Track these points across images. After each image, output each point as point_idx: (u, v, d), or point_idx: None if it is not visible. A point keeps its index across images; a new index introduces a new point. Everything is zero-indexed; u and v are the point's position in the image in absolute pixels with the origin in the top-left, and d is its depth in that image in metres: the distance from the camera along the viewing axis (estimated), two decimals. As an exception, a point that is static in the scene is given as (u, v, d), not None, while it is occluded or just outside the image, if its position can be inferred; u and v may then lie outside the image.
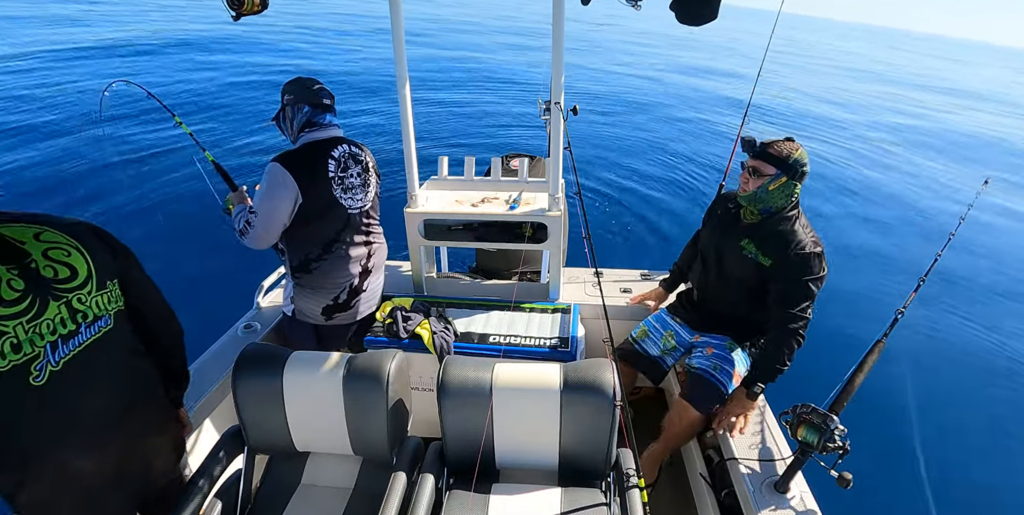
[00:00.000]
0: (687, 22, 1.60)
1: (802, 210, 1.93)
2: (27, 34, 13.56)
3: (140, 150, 6.76)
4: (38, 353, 1.15)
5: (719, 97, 13.85)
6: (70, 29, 14.82)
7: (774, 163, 1.81)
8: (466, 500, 1.60)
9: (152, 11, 20.48)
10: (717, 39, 32.32)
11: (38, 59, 11.00)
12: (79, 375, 1.21)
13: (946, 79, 27.68)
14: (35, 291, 1.15)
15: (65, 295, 1.19)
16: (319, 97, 1.92)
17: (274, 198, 1.85)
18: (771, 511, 1.64)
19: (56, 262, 1.19)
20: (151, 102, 2.34)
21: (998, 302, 5.27)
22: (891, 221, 7.03)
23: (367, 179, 2.07)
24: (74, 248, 1.23)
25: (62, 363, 1.18)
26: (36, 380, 1.14)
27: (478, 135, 8.92)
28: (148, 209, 5.50)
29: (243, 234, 1.94)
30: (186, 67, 11.40)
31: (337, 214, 1.98)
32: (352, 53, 15.14)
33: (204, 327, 2.42)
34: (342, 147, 1.97)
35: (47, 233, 1.20)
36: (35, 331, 1.14)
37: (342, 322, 2.16)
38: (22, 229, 1.18)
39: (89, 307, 1.23)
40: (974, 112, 17.40)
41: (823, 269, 1.85)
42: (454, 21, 27.73)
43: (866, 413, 3.36)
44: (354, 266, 2.09)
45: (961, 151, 11.44)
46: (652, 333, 2.29)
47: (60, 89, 8.98)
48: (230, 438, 1.67)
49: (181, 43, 14.10)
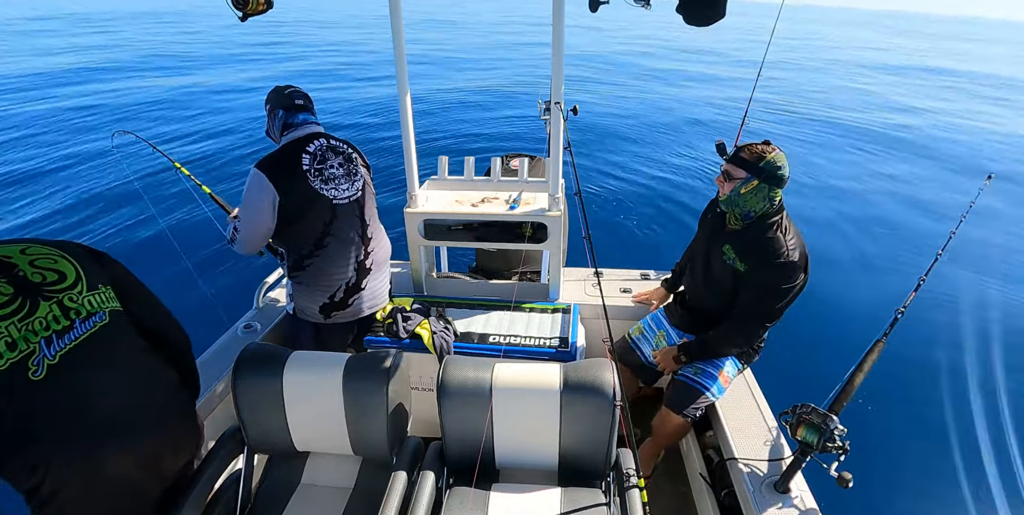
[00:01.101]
0: (694, 23, 1.59)
1: (788, 216, 1.89)
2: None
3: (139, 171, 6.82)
4: (33, 349, 1.17)
5: (723, 96, 13.84)
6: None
7: (744, 166, 1.80)
8: (466, 500, 1.60)
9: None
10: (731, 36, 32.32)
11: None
12: (81, 369, 1.23)
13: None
14: (24, 293, 1.19)
15: (55, 295, 1.23)
16: (291, 99, 1.97)
17: (252, 200, 1.88)
18: (771, 511, 1.64)
19: (44, 269, 1.24)
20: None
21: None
22: (892, 221, 7.02)
23: (352, 169, 2.05)
24: (60, 256, 1.28)
25: (59, 356, 1.20)
26: (35, 375, 1.17)
27: (478, 135, 8.92)
28: (148, 211, 5.52)
29: (232, 241, 2.02)
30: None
31: (321, 206, 1.96)
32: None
33: (204, 327, 2.42)
34: (319, 141, 1.98)
35: (32, 248, 1.26)
36: (28, 328, 1.18)
37: (342, 321, 2.15)
38: (8, 247, 1.24)
39: (81, 304, 1.27)
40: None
41: (798, 279, 1.82)
42: (454, 21, 27.71)
43: (866, 413, 3.38)
44: (349, 261, 2.08)
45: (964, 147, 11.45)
46: (647, 332, 2.30)
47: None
48: (230, 438, 1.67)
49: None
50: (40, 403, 1.17)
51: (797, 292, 1.85)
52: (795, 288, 1.83)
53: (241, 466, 1.68)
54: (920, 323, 4.48)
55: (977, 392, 3.92)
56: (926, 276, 2.08)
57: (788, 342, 1.95)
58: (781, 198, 1.87)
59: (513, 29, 26.98)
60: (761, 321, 1.90)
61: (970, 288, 5.37)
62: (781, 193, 1.85)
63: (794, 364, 3.38)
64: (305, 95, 2.02)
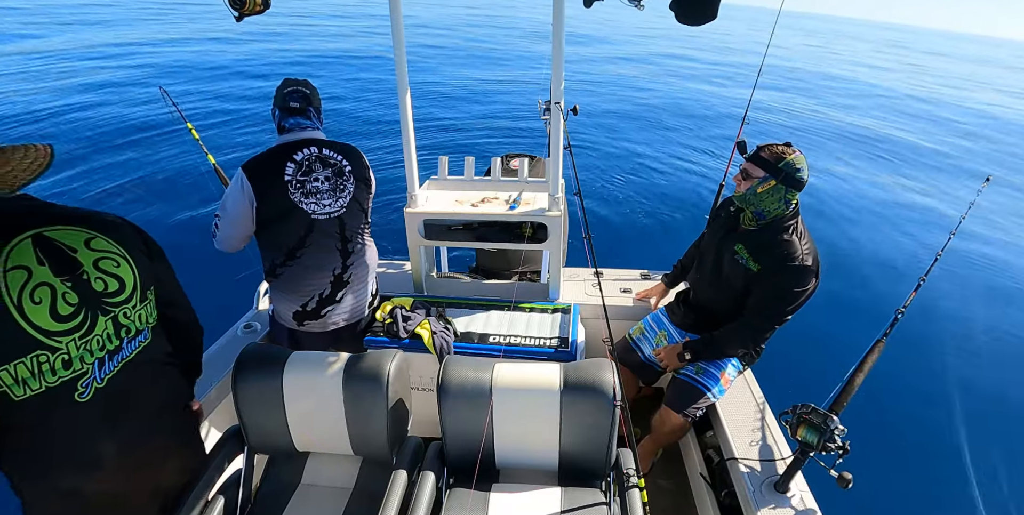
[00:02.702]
0: (687, 22, 1.60)
1: (803, 221, 1.90)
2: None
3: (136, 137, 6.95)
4: (87, 370, 1.15)
5: (722, 99, 13.84)
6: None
7: (763, 166, 1.81)
8: (466, 500, 1.60)
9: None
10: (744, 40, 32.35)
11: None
12: (120, 391, 1.21)
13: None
14: (87, 305, 1.15)
15: (113, 310, 1.19)
16: (286, 101, 1.88)
17: (231, 202, 1.85)
18: (771, 511, 1.64)
19: (106, 274, 1.19)
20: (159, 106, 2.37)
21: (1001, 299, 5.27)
22: (893, 220, 7.02)
23: (340, 184, 1.94)
24: (122, 258, 1.23)
25: (107, 380, 1.18)
26: (81, 397, 1.14)
27: (478, 135, 8.92)
28: (147, 209, 5.51)
29: (213, 236, 1.95)
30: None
31: (297, 219, 1.89)
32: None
33: (204, 327, 2.42)
34: (309, 150, 1.88)
35: (97, 240, 1.20)
36: (86, 347, 1.14)
37: (314, 330, 2.08)
38: (74, 234, 1.17)
39: (132, 321, 1.24)
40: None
41: (810, 283, 1.83)
42: (454, 21, 27.73)
43: (866, 413, 3.37)
44: (324, 274, 2.00)
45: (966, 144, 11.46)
46: (647, 332, 2.30)
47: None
48: (230, 438, 1.67)
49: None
50: (71, 423, 1.15)
51: (808, 296, 1.85)
52: (807, 292, 1.83)
53: (241, 466, 1.68)
54: (920, 323, 4.48)
55: (977, 392, 3.92)
56: (926, 276, 2.08)
57: (788, 342, 1.95)
58: (798, 202, 1.87)
59: (514, 31, 27.00)
60: (771, 323, 1.90)
61: (970, 288, 5.38)
62: (798, 197, 1.85)
63: (794, 364, 3.39)
64: (304, 96, 1.90)
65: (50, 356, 1.09)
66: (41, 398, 1.09)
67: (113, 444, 1.21)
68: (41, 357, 1.08)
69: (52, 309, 1.09)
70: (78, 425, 1.16)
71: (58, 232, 1.14)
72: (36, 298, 1.07)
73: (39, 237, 1.11)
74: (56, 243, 1.13)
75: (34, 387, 1.08)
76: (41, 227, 1.12)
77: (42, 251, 1.10)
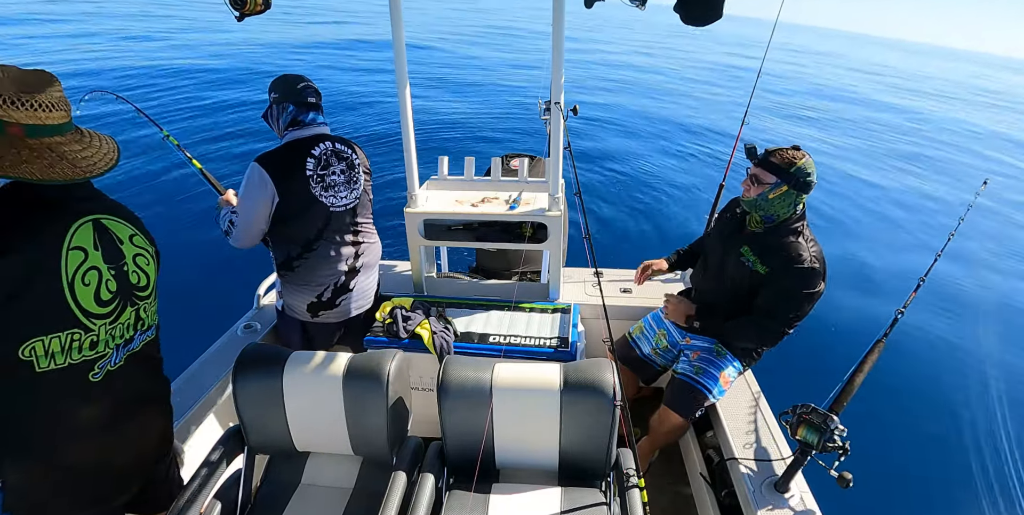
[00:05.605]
0: (692, 23, 1.59)
1: (808, 223, 1.89)
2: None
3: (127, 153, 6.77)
4: (107, 354, 1.20)
5: (724, 100, 13.85)
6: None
7: (774, 172, 1.79)
8: (466, 500, 1.60)
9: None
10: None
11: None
12: (125, 376, 1.26)
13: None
14: (123, 295, 1.22)
15: (139, 303, 1.27)
16: (303, 96, 1.90)
17: (251, 198, 1.85)
18: (771, 511, 1.64)
19: (140, 270, 1.27)
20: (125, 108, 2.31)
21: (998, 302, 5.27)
22: (893, 220, 7.03)
23: (353, 177, 2.01)
24: (151, 257, 1.31)
25: (117, 366, 1.24)
26: (95, 376, 1.19)
27: (478, 135, 8.93)
28: (146, 210, 5.51)
29: (227, 234, 1.97)
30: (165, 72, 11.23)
31: (317, 212, 1.94)
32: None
33: (204, 327, 2.43)
34: (324, 144, 1.93)
35: (138, 237, 1.28)
36: (111, 333, 1.20)
37: (329, 320, 2.13)
38: (122, 227, 1.24)
39: (147, 317, 1.31)
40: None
41: (818, 286, 1.82)
42: (455, 22, 27.72)
43: (867, 413, 3.38)
44: (339, 265, 2.06)
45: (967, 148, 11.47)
46: (647, 330, 2.30)
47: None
48: (230, 438, 1.67)
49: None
50: (79, 400, 1.18)
51: (816, 299, 1.84)
52: (815, 294, 1.83)
53: (241, 466, 1.68)
54: (920, 323, 4.48)
55: (977, 392, 3.92)
56: (926, 276, 2.08)
57: (788, 342, 1.95)
58: (804, 205, 1.87)
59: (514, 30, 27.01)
60: (778, 324, 1.88)
61: (970, 288, 5.38)
62: (805, 200, 1.85)
63: (794, 364, 3.38)
64: (318, 92, 1.96)
65: (82, 335, 1.14)
66: (61, 373, 1.13)
67: (106, 420, 1.25)
68: (75, 335, 1.13)
69: (96, 293, 1.15)
70: (80, 403, 1.20)
71: (112, 222, 1.21)
72: (86, 280, 1.13)
73: (98, 223, 1.18)
74: (110, 232, 1.20)
75: (59, 361, 1.12)
76: (100, 214, 1.19)
77: (99, 236, 1.17)
